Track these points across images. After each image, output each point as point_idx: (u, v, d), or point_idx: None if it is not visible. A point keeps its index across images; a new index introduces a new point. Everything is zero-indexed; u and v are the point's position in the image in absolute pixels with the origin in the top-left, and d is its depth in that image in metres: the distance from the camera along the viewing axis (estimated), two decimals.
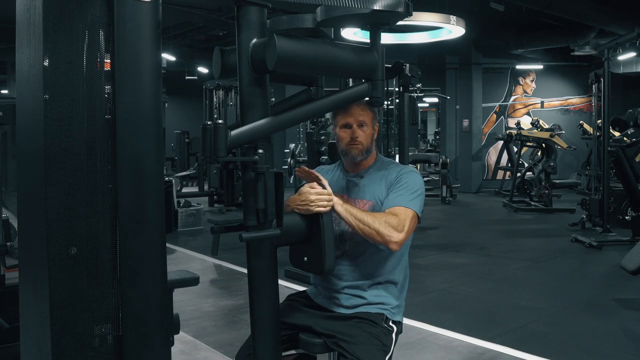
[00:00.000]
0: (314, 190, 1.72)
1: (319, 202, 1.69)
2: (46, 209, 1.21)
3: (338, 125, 1.92)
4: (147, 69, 1.27)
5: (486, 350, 3.41)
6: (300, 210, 1.71)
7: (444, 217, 9.29)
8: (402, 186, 1.86)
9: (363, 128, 1.89)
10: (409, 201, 1.83)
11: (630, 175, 6.75)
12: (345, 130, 1.91)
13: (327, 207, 1.70)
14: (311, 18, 1.54)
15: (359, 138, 1.89)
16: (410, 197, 1.84)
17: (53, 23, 1.21)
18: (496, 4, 8.27)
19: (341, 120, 1.90)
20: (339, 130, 1.92)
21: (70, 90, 1.23)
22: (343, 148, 1.92)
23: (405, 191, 1.85)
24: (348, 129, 1.90)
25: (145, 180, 1.27)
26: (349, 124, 1.89)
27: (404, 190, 1.85)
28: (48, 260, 1.21)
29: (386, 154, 6.89)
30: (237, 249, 6.25)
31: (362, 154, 1.91)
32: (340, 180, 2.00)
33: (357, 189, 1.95)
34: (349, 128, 1.90)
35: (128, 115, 1.25)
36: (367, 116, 1.90)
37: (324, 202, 1.70)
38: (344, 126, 1.90)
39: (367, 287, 1.89)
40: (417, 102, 7.33)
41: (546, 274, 5.42)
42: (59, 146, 1.22)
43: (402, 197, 1.83)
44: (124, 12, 1.24)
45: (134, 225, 1.26)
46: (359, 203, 1.91)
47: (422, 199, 1.88)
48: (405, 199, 1.83)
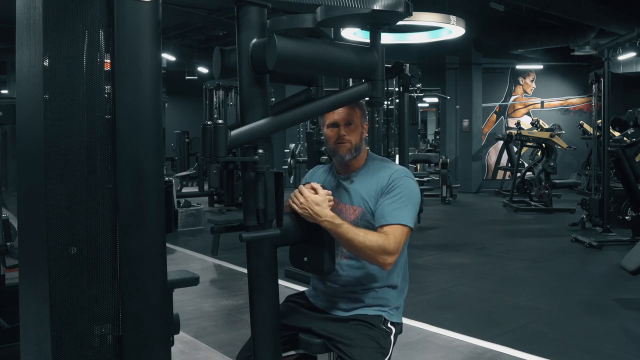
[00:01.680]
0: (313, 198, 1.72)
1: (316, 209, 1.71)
2: (46, 209, 1.21)
3: (325, 125, 1.90)
4: (147, 69, 1.27)
5: (486, 350, 3.41)
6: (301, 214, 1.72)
7: (444, 217, 9.30)
8: (396, 195, 1.82)
9: (350, 127, 1.87)
10: (404, 215, 1.79)
11: (630, 175, 6.75)
12: (332, 129, 1.88)
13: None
14: (311, 18, 1.54)
15: (346, 137, 1.86)
16: (404, 210, 1.80)
17: (53, 23, 1.21)
18: (496, 4, 8.28)
19: (328, 119, 1.88)
20: (326, 129, 1.90)
21: (70, 90, 1.23)
22: (331, 147, 1.90)
23: (399, 203, 1.81)
24: (335, 127, 1.88)
25: (145, 180, 1.27)
26: (335, 122, 1.87)
27: (398, 201, 1.81)
28: (48, 260, 1.20)
29: (386, 154, 6.88)
30: (237, 249, 6.25)
31: (350, 153, 1.88)
32: (332, 183, 1.97)
33: (347, 194, 1.92)
34: (336, 127, 1.88)
35: (128, 115, 1.25)
36: (354, 114, 1.87)
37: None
38: (331, 125, 1.88)
39: (366, 290, 1.89)
40: (417, 102, 7.33)
41: (546, 274, 5.42)
42: (59, 146, 1.22)
43: (397, 212, 1.79)
44: (124, 12, 1.24)
45: (134, 225, 1.26)
46: (348, 209, 1.89)
47: (416, 207, 1.85)
48: (400, 213, 1.79)
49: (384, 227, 1.78)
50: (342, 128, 1.87)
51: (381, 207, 1.82)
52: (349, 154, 1.88)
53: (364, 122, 1.92)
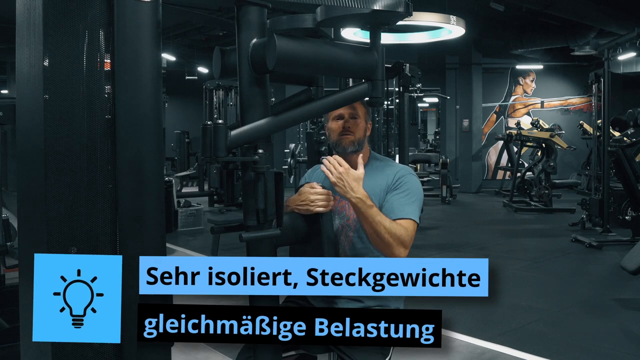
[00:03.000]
0: (313, 190, 1.72)
1: (319, 202, 1.70)
2: (46, 209, 1.21)
3: (330, 119, 1.91)
4: (147, 69, 1.27)
5: (486, 350, 3.41)
6: (300, 210, 1.72)
7: (444, 217, 9.29)
8: (404, 191, 1.84)
9: (356, 120, 1.88)
10: (413, 210, 1.81)
11: (630, 175, 6.75)
12: (337, 121, 1.89)
13: (327, 207, 1.70)
14: (311, 18, 1.54)
15: (351, 128, 1.87)
16: (413, 205, 1.82)
17: (53, 23, 1.21)
18: (496, 4, 8.27)
19: (334, 112, 1.88)
20: (331, 123, 1.91)
21: (70, 90, 1.23)
22: (335, 139, 1.90)
23: (408, 198, 1.83)
24: (340, 120, 1.89)
25: (145, 180, 1.27)
26: (341, 115, 1.88)
27: (407, 197, 1.83)
28: None
29: (386, 154, 6.88)
30: (237, 249, 6.25)
31: (353, 145, 1.88)
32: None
33: None
34: (341, 119, 1.89)
35: (128, 115, 1.25)
36: (360, 109, 1.89)
37: (323, 202, 1.71)
38: (337, 118, 1.89)
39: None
40: (417, 102, 7.32)
41: (546, 274, 5.42)
42: (59, 146, 1.22)
43: (407, 207, 1.81)
44: (124, 12, 1.24)
45: (134, 225, 1.26)
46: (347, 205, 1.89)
47: (421, 203, 1.87)
48: (410, 208, 1.81)
49: (397, 221, 1.78)
50: (347, 120, 1.88)
51: (390, 202, 1.83)
52: (352, 146, 1.88)
53: (369, 121, 1.94)
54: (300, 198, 1.73)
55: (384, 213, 1.82)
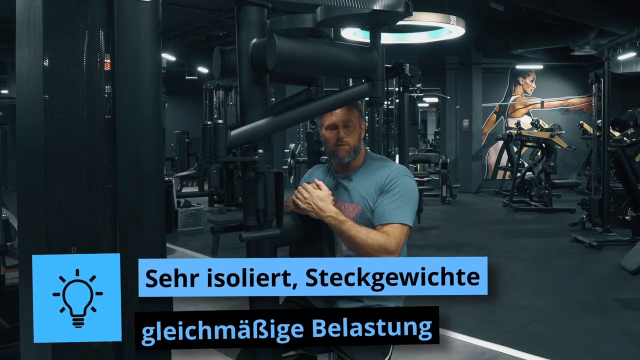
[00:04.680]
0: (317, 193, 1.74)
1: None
2: (46, 209, 1.21)
3: (323, 127, 1.90)
4: (147, 69, 1.27)
5: (486, 350, 3.41)
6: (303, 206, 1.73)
7: (444, 217, 9.29)
8: (395, 194, 1.82)
9: (349, 128, 1.87)
10: (404, 214, 1.80)
11: (630, 175, 6.75)
12: (331, 131, 1.89)
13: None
14: (311, 18, 1.54)
15: (345, 138, 1.87)
16: (404, 209, 1.80)
17: (53, 23, 1.21)
18: (496, 4, 8.27)
19: (326, 120, 1.88)
20: (324, 131, 1.90)
21: (70, 90, 1.23)
22: (330, 149, 1.90)
23: (399, 202, 1.81)
24: (333, 129, 1.88)
25: (145, 180, 1.27)
26: (334, 124, 1.87)
27: (398, 200, 1.81)
28: None
29: (386, 154, 6.88)
30: (237, 249, 6.24)
31: (349, 155, 1.89)
32: (331, 182, 1.97)
33: (346, 192, 1.92)
34: (335, 129, 1.88)
35: (128, 115, 1.26)
36: (352, 115, 1.88)
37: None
38: (330, 127, 1.88)
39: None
40: (417, 102, 7.32)
41: (546, 274, 5.42)
42: (59, 146, 1.22)
43: (396, 211, 1.80)
44: (124, 12, 1.24)
45: (134, 225, 1.27)
46: (348, 207, 1.89)
47: (415, 206, 1.85)
48: (400, 212, 1.80)
49: (384, 226, 1.78)
50: (341, 130, 1.87)
51: (381, 206, 1.82)
52: (349, 156, 1.89)
53: (362, 123, 1.93)
54: (304, 195, 1.74)
55: (375, 217, 1.82)
